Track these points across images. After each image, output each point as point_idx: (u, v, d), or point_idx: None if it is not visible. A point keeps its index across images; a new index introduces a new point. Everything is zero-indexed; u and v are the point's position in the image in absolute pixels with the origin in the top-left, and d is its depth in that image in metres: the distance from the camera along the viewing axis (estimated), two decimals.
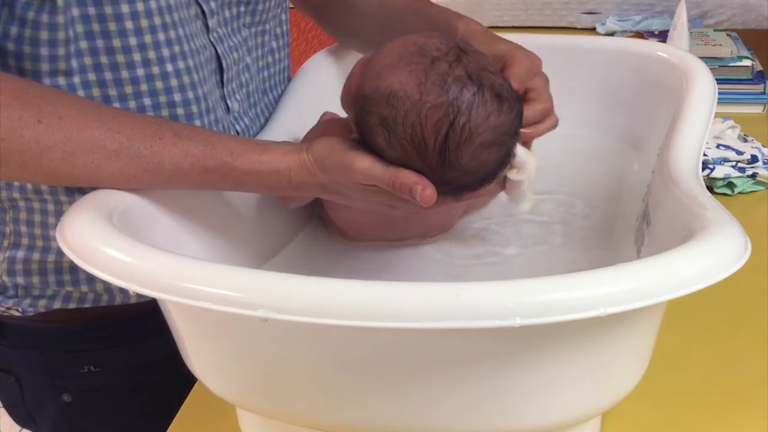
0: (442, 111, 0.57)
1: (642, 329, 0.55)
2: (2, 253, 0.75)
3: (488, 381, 0.51)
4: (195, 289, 0.48)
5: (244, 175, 0.61)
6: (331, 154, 0.61)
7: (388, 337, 0.50)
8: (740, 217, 0.54)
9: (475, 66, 0.59)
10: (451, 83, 0.57)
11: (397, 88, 0.58)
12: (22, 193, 0.71)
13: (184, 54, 0.69)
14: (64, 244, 0.55)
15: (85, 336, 0.79)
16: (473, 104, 0.57)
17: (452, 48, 0.59)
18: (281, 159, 0.61)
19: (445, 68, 0.58)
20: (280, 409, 0.58)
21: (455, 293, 0.46)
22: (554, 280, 0.47)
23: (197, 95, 0.71)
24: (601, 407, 0.58)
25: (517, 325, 0.45)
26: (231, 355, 0.56)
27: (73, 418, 0.84)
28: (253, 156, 0.61)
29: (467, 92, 0.57)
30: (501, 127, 0.59)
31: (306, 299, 0.47)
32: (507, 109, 0.59)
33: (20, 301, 0.76)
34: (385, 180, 0.59)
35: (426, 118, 0.57)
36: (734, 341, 0.77)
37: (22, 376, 0.83)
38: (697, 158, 0.68)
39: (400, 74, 0.58)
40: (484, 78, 0.59)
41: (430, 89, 0.57)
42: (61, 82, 0.65)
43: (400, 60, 0.59)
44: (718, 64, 1.29)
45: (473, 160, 0.59)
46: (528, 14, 1.67)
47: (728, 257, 0.50)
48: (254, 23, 0.81)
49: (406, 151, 0.59)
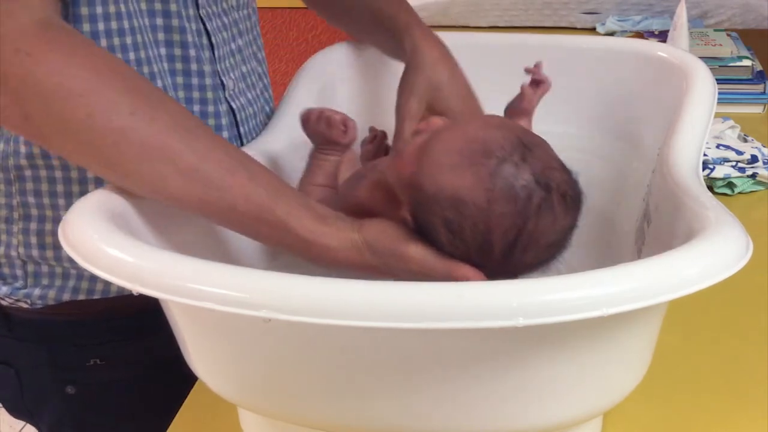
0: (510, 219, 0.56)
1: (643, 329, 0.55)
2: (15, 225, 0.75)
3: (490, 381, 0.51)
4: (198, 289, 0.48)
5: (294, 238, 0.60)
6: (383, 239, 0.60)
7: (390, 337, 0.50)
8: (740, 217, 0.54)
9: (541, 166, 0.57)
10: (520, 190, 0.56)
11: (463, 193, 0.56)
12: (30, 160, 0.71)
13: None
14: (66, 244, 0.55)
15: (93, 329, 0.80)
16: (541, 210, 0.56)
17: (517, 146, 0.57)
18: (334, 236, 0.60)
19: (511, 171, 0.56)
20: (281, 409, 0.58)
21: (458, 293, 0.46)
22: (556, 281, 0.47)
23: (198, 55, 0.74)
24: (602, 407, 0.58)
25: (520, 325, 0.45)
26: (232, 354, 0.56)
27: (76, 411, 0.85)
28: (309, 224, 0.60)
29: (536, 198, 0.56)
30: (566, 227, 0.58)
31: (309, 299, 0.47)
32: (572, 209, 0.58)
33: (30, 293, 0.77)
34: (441, 272, 0.58)
35: (494, 226, 0.56)
36: (734, 341, 0.77)
37: (24, 368, 0.83)
38: (697, 158, 0.68)
39: (465, 177, 0.56)
40: (552, 179, 0.57)
41: (498, 197, 0.55)
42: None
43: (463, 160, 0.57)
44: (718, 64, 1.29)
45: (536, 258, 0.59)
46: (528, 14, 1.67)
47: (730, 257, 0.50)
48: (240, 5, 0.82)
49: (468, 251, 0.57)
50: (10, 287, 0.77)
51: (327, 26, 2.02)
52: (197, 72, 0.76)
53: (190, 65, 0.75)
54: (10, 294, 0.78)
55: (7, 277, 0.78)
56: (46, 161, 0.72)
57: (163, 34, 0.73)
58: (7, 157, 0.72)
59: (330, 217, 0.61)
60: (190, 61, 0.75)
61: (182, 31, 0.74)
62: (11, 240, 0.76)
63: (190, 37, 0.74)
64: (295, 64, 0.96)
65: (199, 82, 0.76)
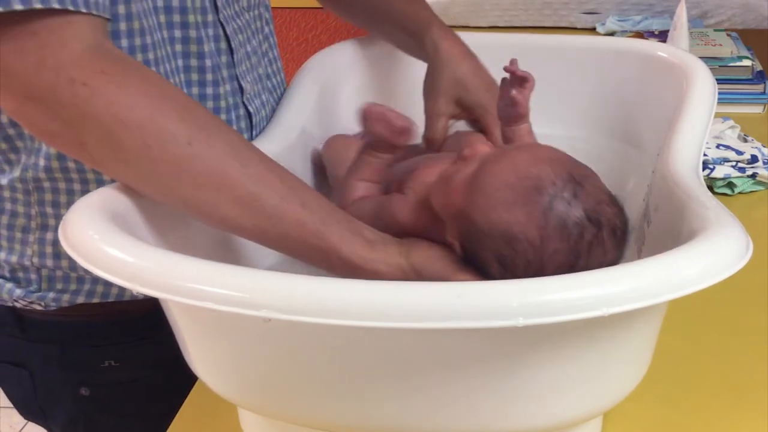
0: (563, 257, 0.56)
1: (643, 329, 0.55)
2: (32, 235, 0.75)
3: (490, 381, 0.51)
4: (198, 289, 0.48)
5: (343, 263, 0.61)
6: (432, 267, 0.61)
7: (390, 337, 0.50)
8: (740, 217, 0.54)
9: (592, 201, 0.57)
10: (572, 227, 0.56)
11: (516, 231, 0.56)
12: (48, 173, 0.72)
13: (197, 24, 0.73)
14: (66, 244, 0.55)
15: (108, 330, 0.80)
16: (593, 246, 0.57)
17: (568, 181, 0.57)
18: (383, 261, 0.61)
19: (564, 209, 0.56)
20: (280, 409, 0.58)
21: (458, 293, 0.46)
22: (556, 280, 0.47)
23: (215, 64, 0.75)
24: (602, 407, 0.58)
25: (520, 325, 0.45)
26: (232, 354, 0.56)
27: (90, 412, 0.85)
28: (360, 251, 0.61)
29: (588, 235, 0.56)
30: (613, 260, 0.59)
31: (309, 299, 0.47)
32: (620, 242, 0.59)
33: (44, 296, 0.77)
34: None
35: (547, 263, 0.57)
36: (734, 341, 0.77)
37: (38, 370, 0.83)
38: (697, 158, 0.68)
39: (518, 215, 0.57)
40: (602, 215, 0.57)
41: (551, 235, 0.56)
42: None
43: (516, 198, 0.57)
44: (718, 64, 1.29)
45: None
46: (528, 14, 1.67)
47: (730, 257, 0.50)
48: (251, 6, 0.83)
49: None
50: (24, 290, 0.78)
51: (327, 26, 2.02)
52: (212, 81, 0.76)
53: (206, 75, 0.76)
54: (24, 296, 0.78)
55: (21, 280, 0.78)
56: (65, 174, 0.72)
57: (181, 46, 0.74)
58: (26, 170, 0.73)
59: (379, 242, 0.62)
60: (206, 71, 0.75)
61: (199, 41, 0.74)
62: (26, 250, 0.76)
63: (206, 47, 0.75)
64: (295, 64, 0.96)
65: (214, 91, 0.77)
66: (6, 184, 0.74)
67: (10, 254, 0.76)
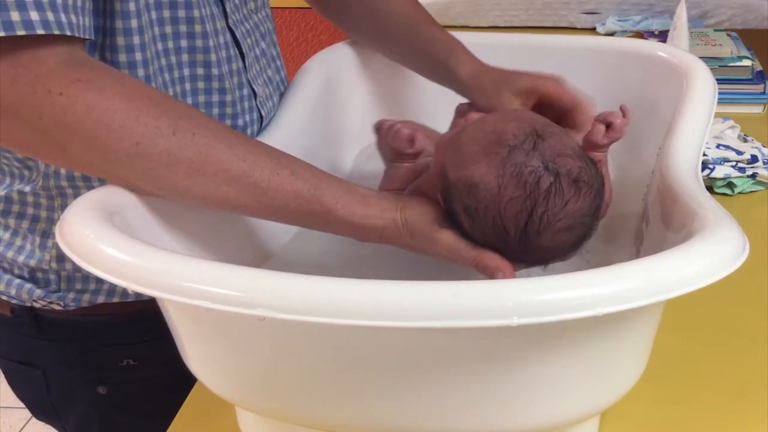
0: (519, 204, 0.59)
1: (640, 329, 0.55)
2: (51, 240, 0.76)
3: (486, 380, 0.51)
4: (194, 288, 0.48)
5: (342, 223, 0.64)
6: (420, 223, 0.64)
7: (387, 337, 0.50)
8: (740, 217, 0.54)
9: (552, 153, 0.59)
10: (527, 175, 0.59)
11: (477, 180, 0.60)
12: (71, 181, 0.73)
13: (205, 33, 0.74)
14: (63, 243, 0.55)
15: (127, 329, 0.81)
16: (550, 194, 0.59)
17: (529, 135, 0.60)
18: (379, 216, 0.64)
19: (521, 159, 0.59)
20: (278, 409, 0.58)
21: (454, 292, 0.46)
22: (552, 280, 0.47)
23: (231, 69, 0.77)
24: (599, 407, 0.58)
25: (515, 324, 0.45)
26: (230, 354, 0.56)
27: (105, 411, 0.85)
28: (355, 209, 0.63)
29: (543, 183, 0.58)
30: (579, 212, 0.60)
31: (305, 298, 0.47)
32: (585, 194, 0.60)
33: (64, 295, 0.77)
34: (468, 259, 0.62)
35: (505, 211, 0.59)
36: (733, 341, 0.77)
37: (52, 369, 0.84)
38: (697, 158, 0.68)
39: (480, 166, 0.60)
40: (561, 165, 0.59)
41: (507, 183, 0.59)
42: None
43: (480, 150, 0.61)
44: (718, 64, 1.29)
45: (553, 242, 0.61)
46: (528, 14, 1.67)
47: (726, 257, 0.50)
48: (258, 8, 0.84)
49: (488, 236, 0.61)
50: (44, 290, 0.78)
51: (327, 26, 2.02)
52: (218, 89, 0.76)
53: (212, 83, 0.76)
54: (44, 297, 0.78)
55: (40, 281, 0.78)
56: (86, 183, 0.73)
57: (187, 56, 0.74)
58: (48, 178, 0.73)
59: (372, 197, 0.65)
60: (213, 79, 0.76)
61: (206, 51, 0.74)
62: (44, 255, 0.76)
63: (214, 56, 0.75)
64: (296, 64, 0.96)
65: (220, 98, 0.77)
66: (29, 190, 0.74)
67: (30, 257, 0.77)
